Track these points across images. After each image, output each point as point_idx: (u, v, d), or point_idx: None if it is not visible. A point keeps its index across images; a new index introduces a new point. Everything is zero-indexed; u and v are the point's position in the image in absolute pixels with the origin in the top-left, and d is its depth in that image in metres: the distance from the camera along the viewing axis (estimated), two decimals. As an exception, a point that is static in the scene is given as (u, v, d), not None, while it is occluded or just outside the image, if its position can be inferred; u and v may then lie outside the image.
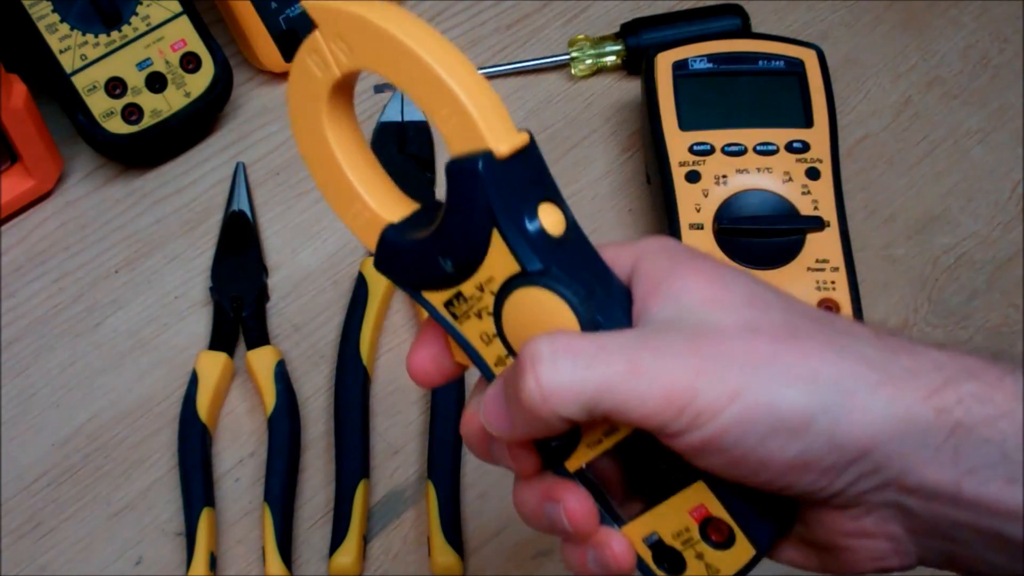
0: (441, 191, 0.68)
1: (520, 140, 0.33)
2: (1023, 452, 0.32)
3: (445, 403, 0.58)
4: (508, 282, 0.34)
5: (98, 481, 0.58)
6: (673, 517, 0.37)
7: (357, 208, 0.36)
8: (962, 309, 0.62)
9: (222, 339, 0.61)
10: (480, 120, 0.32)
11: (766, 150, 0.60)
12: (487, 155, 0.32)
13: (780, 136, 0.61)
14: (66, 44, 0.63)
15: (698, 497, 0.36)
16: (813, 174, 0.60)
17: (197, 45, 0.66)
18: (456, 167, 0.33)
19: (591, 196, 0.66)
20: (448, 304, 0.35)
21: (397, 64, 0.32)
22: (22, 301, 0.63)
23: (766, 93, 0.63)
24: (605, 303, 0.35)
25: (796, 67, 0.63)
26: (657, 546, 0.37)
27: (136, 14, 0.64)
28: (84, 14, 0.63)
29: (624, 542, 0.37)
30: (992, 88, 0.69)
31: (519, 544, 0.55)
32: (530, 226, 0.33)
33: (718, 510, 0.36)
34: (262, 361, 0.59)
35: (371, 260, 0.62)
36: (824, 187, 0.60)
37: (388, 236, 0.35)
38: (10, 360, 0.61)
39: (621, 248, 0.37)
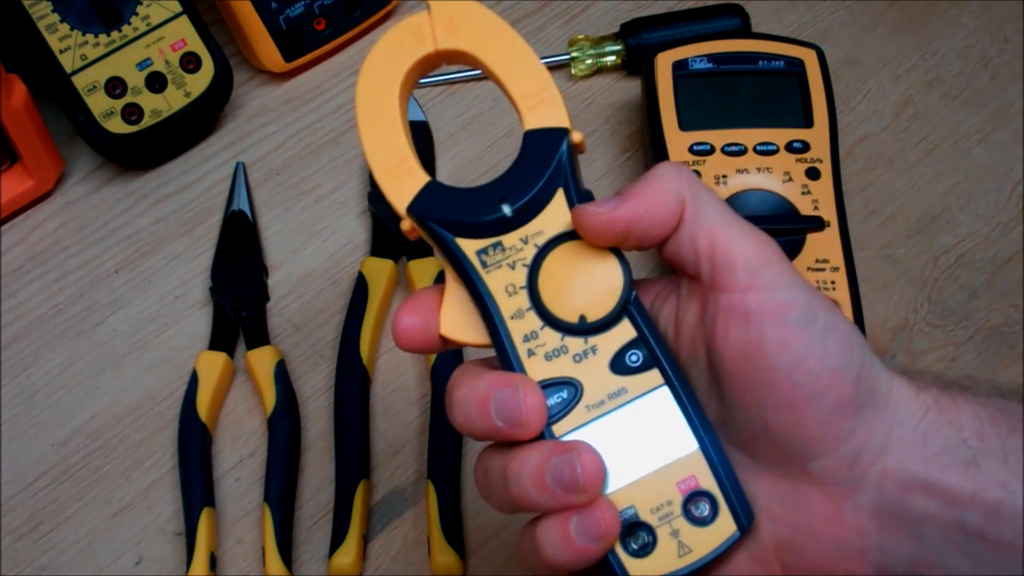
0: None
1: (580, 137, 0.39)
2: (977, 441, 0.36)
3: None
4: (557, 236, 0.38)
5: (98, 481, 0.58)
6: (658, 488, 0.37)
7: (404, 165, 0.39)
8: (962, 309, 0.62)
9: (222, 339, 0.61)
10: (564, 108, 0.39)
11: (766, 150, 0.60)
12: (567, 132, 0.39)
13: (780, 136, 0.61)
14: (66, 44, 0.63)
15: (690, 467, 0.37)
16: (813, 174, 0.60)
17: (197, 45, 0.66)
18: (540, 133, 0.39)
19: (591, 196, 0.66)
20: (481, 252, 0.39)
21: (497, 49, 0.40)
22: (22, 301, 0.63)
23: (766, 93, 0.63)
24: None
25: (796, 67, 0.63)
26: (629, 522, 0.37)
27: (136, 14, 0.64)
28: (84, 14, 0.63)
29: (613, 508, 0.37)
30: (992, 88, 0.69)
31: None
32: (588, 195, 0.39)
33: (708, 481, 0.37)
34: (262, 361, 0.59)
35: (371, 260, 0.62)
36: (824, 187, 0.60)
37: (434, 185, 0.39)
38: (10, 360, 0.61)
39: None
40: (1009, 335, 0.61)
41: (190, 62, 0.66)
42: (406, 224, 0.39)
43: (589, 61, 0.70)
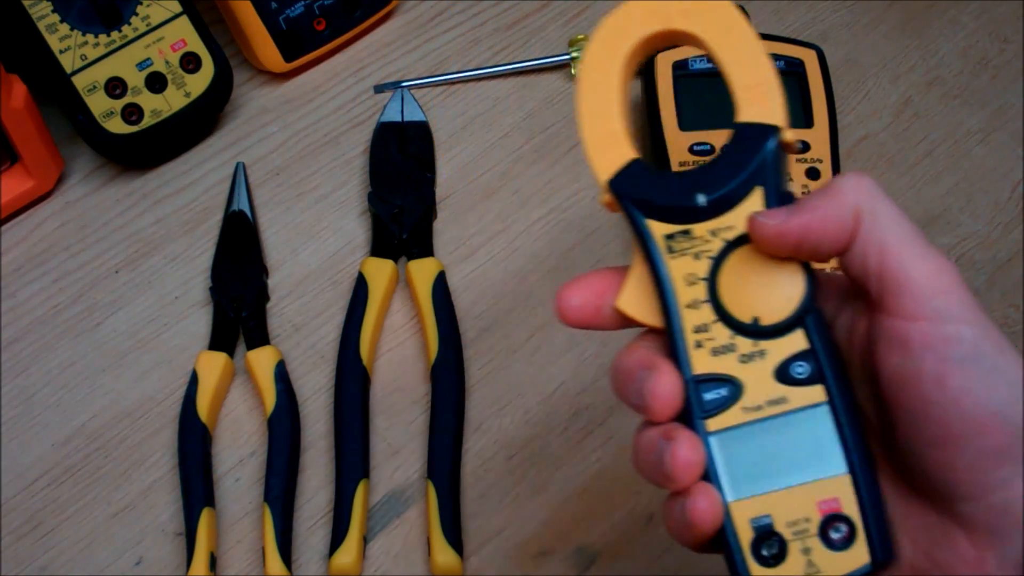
0: (441, 190, 0.68)
1: (793, 136, 0.39)
2: None
3: (445, 403, 0.58)
4: (748, 235, 0.38)
5: (98, 481, 0.58)
6: (798, 504, 0.37)
7: (614, 138, 0.40)
8: (962, 309, 0.61)
9: (222, 339, 0.61)
10: (782, 104, 0.39)
11: (766, 150, 0.60)
12: (777, 131, 0.38)
13: (780, 136, 0.61)
14: (66, 44, 0.63)
15: (835, 490, 0.37)
16: (813, 174, 0.60)
17: (197, 45, 0.66)
18: (751, 128, 0.39)
19: (591, 196, 0.66)
20: (669, 237, 0.39)
21: (727, 37, 0.39)
22: (22, 301, 0.63)
23: (766, 93, 0.63)
24: None
25: (796, 67, 0.63)
26: (763, 531, 0.37)
27: (136, 14, 0.64)
28: (84, 14, 0.63)
29: (712, 503, 0.37)
30: (992, 88, 0.69)
31: (519, 544, 0.55)
32: (787, 197, 0.38)
33: (851, 508, 0.37)
34: (262, 361, 0.59)
35: (371, 260, 0.62)
36: (824, 187, 0.59)
37: (638, 164, 0.39)
38: (10, 360, 0.61)
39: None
40: (1009, 335, 0.60)
41: (190, 62, 0.66)
42: (604, 197, 0.40)
43: (589, 61, 0.70)
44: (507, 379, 0.60)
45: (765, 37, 0.64)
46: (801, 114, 0.62)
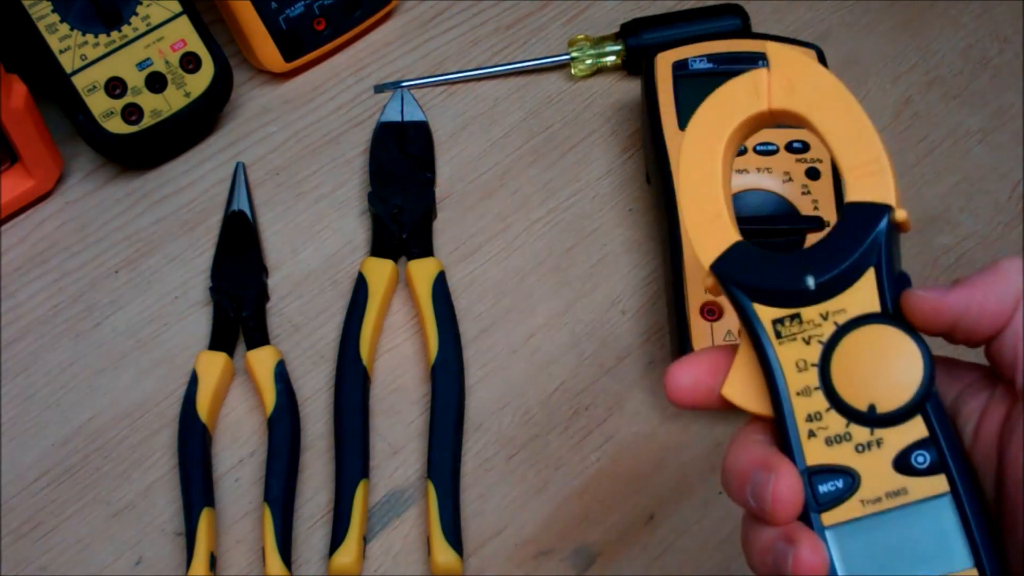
0: (441, 190, 0.68)
1: (904, 216, 0.37)
2: None
3: (445, 403, 0.58)
4: (860, 317, 0.37)
5: (98, 481, 0.58)
6: None
7: (717, 221, 0.39)
8: (962, 309, 0.61)
9: (222, 339, 0.61)
10: (894, 185, 0.37)
11: (766, 150, 0.60)
12: (890, 210, 0.37)
13: (780, 136, 0.61)
14: (66, 44, 0.63)
15: None
16: (813, 174, 0.60)
17: (197, 45, 0.66)
18: (860, 207, 0.37)
19: (591, 196, 0.66)
20: (777, 322, 0.37)
21: (832, 114, 0.38)
22: (22, 301, 0.63)
23: (766, 93, 0.63)
24: None
25: (796, 67, 0.63)
26: None
27: (136, 14, 0.64)
28: (84, 14, 0.63)
29: None
30: (992, 88, 0.69)
31: (519, 544, 0.55)
32: (902, 277, 0.37)
33: None
34: (262, 361, 0.59)
35: (371, 260, 0.62)
36: (824, 187, 0.60)
37: (742, 247, 0.38)
38: (10, 360, 0.61)
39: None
40: (1009, 335, 0.61)
41: (190, 62, 0.66)
42: (708, 281, 0.39)
43: (589, 61, 0.70)
44: (507, 379, 0.60)
45: (765, 37, 0.64)
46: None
